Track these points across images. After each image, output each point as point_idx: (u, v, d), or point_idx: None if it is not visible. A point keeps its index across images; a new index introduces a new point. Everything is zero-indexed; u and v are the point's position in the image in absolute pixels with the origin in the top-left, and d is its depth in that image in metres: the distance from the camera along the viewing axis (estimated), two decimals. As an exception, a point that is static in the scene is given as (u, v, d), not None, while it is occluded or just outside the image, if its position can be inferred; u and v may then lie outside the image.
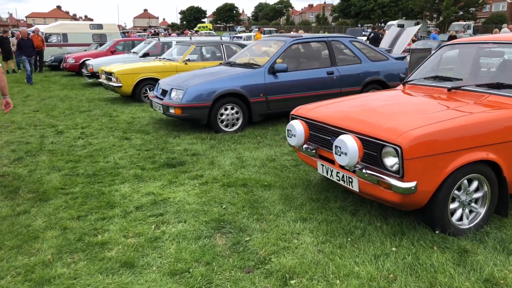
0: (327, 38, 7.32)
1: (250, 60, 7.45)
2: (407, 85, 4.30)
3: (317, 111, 3.73)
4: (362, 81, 7.36)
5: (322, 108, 3.78)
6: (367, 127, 3.14)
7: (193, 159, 5.12)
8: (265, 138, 6.09)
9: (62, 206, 3.75)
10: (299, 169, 4.70)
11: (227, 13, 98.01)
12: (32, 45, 13.72)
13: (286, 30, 58.08)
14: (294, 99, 6.76)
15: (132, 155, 5.34)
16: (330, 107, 3.80)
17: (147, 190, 4.13)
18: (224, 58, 10.14)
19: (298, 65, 7.11)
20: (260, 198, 3.87)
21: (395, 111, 3.40)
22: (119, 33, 21.96)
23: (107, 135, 6.39)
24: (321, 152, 3.65)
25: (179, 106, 6.16)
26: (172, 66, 9.54)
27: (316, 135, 3.65)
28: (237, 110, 6.48)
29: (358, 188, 3.26)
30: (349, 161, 3.03)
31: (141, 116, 7.78)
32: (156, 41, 12.78)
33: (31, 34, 15.75)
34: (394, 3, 56.65)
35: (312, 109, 3.83)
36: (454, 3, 45.79)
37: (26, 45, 13.53)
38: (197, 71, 7.25)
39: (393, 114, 3.30)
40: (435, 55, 4.54)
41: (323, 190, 4.03)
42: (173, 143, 5.85)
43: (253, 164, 4.90)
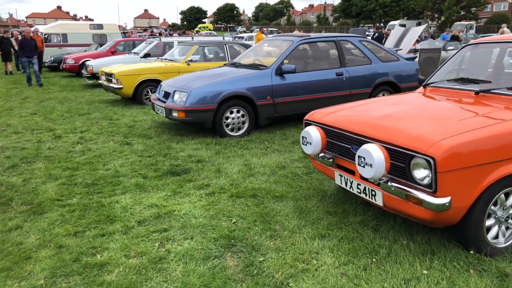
0: (335, 37, 7.02)
1: (256, 61, 7.16)
2: (428, 88, 4.00)
3: (334, 116, 3.43)
4: (372, 83, 7.07)
5: (339, 113, 3.48)
6: (393, 135, 2.85)
7: (198, 166, 4.83)
8: (273, 143, 5.80)
9: (58, 221, 3.46)
10: (312, 177, 4.41)
11: (228, 13, 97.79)
12: (34, 45, 13.03)
13: (287, 30, 57.79)
14: (302, 101, 6.48)
15: (134, 162, 5.05)
16: (348, 112, 3.51)
17: (150, 201, 3.83)
18: (227, 58, 9.86)
19: (306, 66, 6.82)
20: (272, 211, 3.58)
21: (421, 117, 3.10)
22: (119, 33, 21.69)
23: (107, 140, 6.10)
24: (339, 161, 3.36)
25: (182, 110, 5.87)
26: (174, 67, 9.25)
27: (333, 142, 3.36)
28: (243, 113, 6.19)
29: (383, 203, 2.97)
30: (374, 174, 2.74)
31: (142, 119, 7.49)
32: (158, 41, 12.49)
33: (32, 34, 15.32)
34: (395, 3, 56.38)
35: (328, 114, 3.53)
36: (456, 3, 45.52)
37: (28, 45, 12.83)
38: (201, 72, 6.96)
39: (419, 120, 3.01)
40: (457, 55, 4.24)
41: (340, 202, 3.73)
42: (177, 149, 5.56)
43: (262, 172, 4.60)
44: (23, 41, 12.88)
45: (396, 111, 3.30)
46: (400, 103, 3.61)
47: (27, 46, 12.76)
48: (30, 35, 13.08)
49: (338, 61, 6.90)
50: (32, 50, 12.82)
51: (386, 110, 3.38)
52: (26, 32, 13.26)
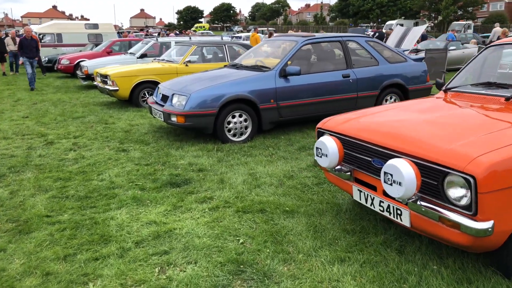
0: (341, 37, 6.70)
1: (258, 62, 6.83)
2: (449, 93, 3.69)
3: (353, 125, 3.11)
4: (380, 85, 6.76)
5: (358, 121, 3.16)
6: (422, 148, 2.53)
7: (200, 176, 4.50)
8: (278, 149, 5.47)
9: (46, 241, 3.12)
10: (323, 189, 4.09)
11: (224, 13, 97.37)
12: (35, 46, 12.01)
13: (284, 30, 57.48)
14: (307, 105, 6.17)
15: (130, 171, 4.71)
16: (367, 120, 3.18)
17: (148, 217, 3.50)
18: (227, 59, 9.53)
19: (311, 68, 6.50)
20: (283, 229, 3.25)
21: (450, 127, 2.78)
22: (115, 33, 21.30)
23: (102, 146, 5.75)
24: (358, 175, 3.04)
25: (181, 114, 5.53)
26: (172, 68, 8.91)
27: (352, 154, 3.04)
28: (245, 117, 5.86)
29: (410, 223, 2.65)
30: (404, 193, 2.42)
31: (139, 124, 7.14)
32: (154, 41, 12.13)
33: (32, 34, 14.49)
34: (392, 3, 56.20)
35: (345, 122, 3.21)
36: (453, 3, 45.36)
37: (28, 45, 11.81)
38: (200, 74, 6.63)
39: (449, 131, 2.69)
40: (479, 57, 3.93)
41: (357, 218, 3.41)
42: (176, 156, 5.23)
43: (268, 182, 4.28)
44: (24, 41, 11.86)
45: (421, 120, 2.98)
46: (422, 110, 3.29)
47: (27, 46, 11.81)
48: (30, 35, 12.05)
49: (344, 62, 6.59)
50: (33, 51, 11.90)
51: (409, 118, 3.06)
52: (27, 32, 12.17)
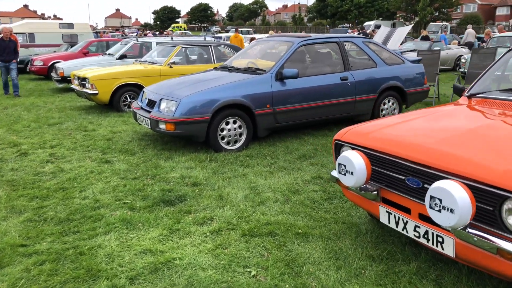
0: (338, 38, 6.35)
1: (250, 64, 6.42)
2: (474, 99, 3.35)
3: (382, 138, 2.71)
4: (378, 88, 6.44)
5: (387, 134, 2.77)
6: (475, 168, 2.16)
7: (195, 192, 4.05)
8: (276, 158, 5.07)
9: (22, 280, 2.62)
10: (335, 205, 3.70)
11: (202, 13, 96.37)
12: (14, 48, 10.63)
13: (262, 30, 57.13)
14: (305, 109, 5.79)
15: (116, 186, 4.22)
16: (396, 131, 2.80)
17: (142, 245, 3.04)
18: (213, 60, 9.09)
19: (309, 70, 6.11)
20: (299, 257, 2.84)
21: (499, 141, 2.42)
22: (91, 33, 20.52)
23: (82, 157, 5.22)
24: (386, 194, 2.66)
25: (171, 121, 5.06)
26: (155, 70, 8.40)
27: (380, 171, 2.66)
28: (240, 124, 5.43)
29: (454, 253, 2.28)
30: (457, 222, 2.04)
31: (122, 130, 6.62)
32: (134, 41, 11.56)
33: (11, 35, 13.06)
34: (370, 4, 56.52)
35: (370, 134, 2.82)
36: (430, 4, 45.92)
37: (6, 47, 10.46)
38: (189, 77, 6.16)
39: (501, 146, 2.33)
40: (502, 61, 3.62)
41: (380, 241, 3.03)
42: (166, 168, 4.75)
43: (273, 198, 3.86)
44: (1, 42, 10.51)
45: (460, 132, 2.61)
46: (457, 120, 2.94)
47: (4, 49, 10.49)
48: (8, 36, 10.52)
49: (342, 64, 6.24)
50: (11, 53, 10.60)
51: (445, 130, 2.69)
52: (4, 32, 10.53)
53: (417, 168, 2.40)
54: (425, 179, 2.36)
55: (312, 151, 5.33)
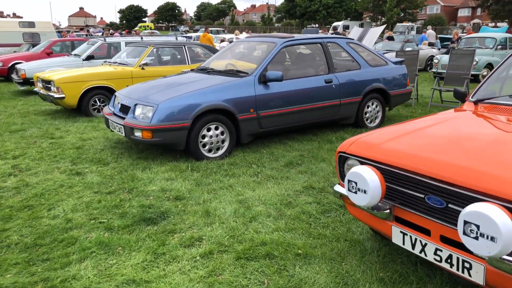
0: (322, 39, 6.11)
1: (229, 66, 6.10)
2: (481, 105, 3.15)
3: (396, 151, 2.44)
4: (362, 90, 6.24)
5: (400, 145, 2.50)
6: (505, 186, 1.93)
7: (179, 207, 3.69)
8: (262, 167, 4.76)
9: (-18, 326, 2.22)
10: (333, 219, 3.43)
11: (169, 12, 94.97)
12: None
13: (231, 30, 56.72)
14: (289, 113, 5.52)
15: (90, 202, 3.80)
16: (410, 142, 2.53)
17: (124, 273, 2.66)
18: (187, 61, 8.70)
19: (292, 72, 5.84)
20: (303, 283, 2.55)
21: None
22: (55, 32, 19.60)
23: (50, 169, 4.75)
24: (401, 213, 2.40)
25: (148, 128, 4.67)
26: (126, 71, 7.94)
27: (394, 188, 2.40)
28: (222, 130, 5.10)
29: (484, 281, 2.04)
30: (500, 251, 1.79)
31: (92, 137, 6.14)
32: (102, 41, 10.99)
33: None
34: (338, 4, 57.11)
35: (381, 145, 2.55)
36: (396, 5, 46.75)
37: None
38: (165, 80, 5.77)
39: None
40: (506, 64, 3.44)
41: (389, 261, 2.78)
42: (144, 180, 4.36)
43: (265, 212, 3.56)
44: None
45: (483, 144, 2.38)
46: (472, 130, 2.71)
47: None
48: None
49: (326, 66, 6.00)
50: None
51: (464, 140, 2.46)
52: None
53: (440, 186, 2.14)
54: (451, 199, 2.11)
55: (299, 157, 5.06)
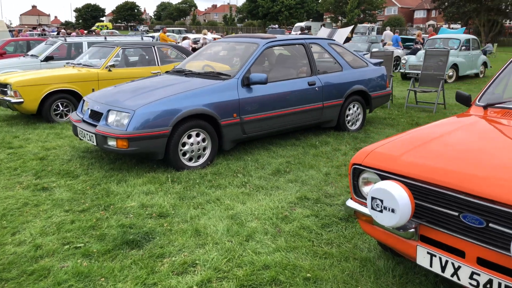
0: (304, 40, 5.86)
1: (206, 68, 5.75)
2: (490, 110, 2.97)
3: (423, 163, 2.18)
4: (344, 92, 6.05)
5: (426, 156, 2.24)
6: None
7: (164, 226, 3.31)
8: (249, 175, 4.44)
9: None
10: (334, 233, 3.16)
11: (128, 11, 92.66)
12: None
13: (193, 30, 55.88)
14: (273, 118, 5.24)
15: (61, 223, 3.35)
16: (436, 152, 2.29)
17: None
18: (157, 62, 8.25)
19: (275, 75, 5.55)
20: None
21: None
22: (7, 31, 18.45)
23: (10, 184, 4.23)
24: (428, 232, 2.16)
25: (123, 137, 4.25)
26: (92, 74, 7.40)
27: (423, 205, 2.15)
28: (204, 137, 4.74)
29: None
30: None
31: (57, 146, 5.61)
32: (62, 41, 10.30)
33: None
34: (300, 5, 57.56)
35: (403, 156, 2.29)
36: (357, 6, 47.60)
37: None
38: (139, 83, 5.34)
39: None
40: (511, 67, 3.29)
41: (406, 281, 2.54)
42: (121, 194, 3.94)
43: (261, 229, 3.24)
44: None
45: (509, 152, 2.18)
46: (498, 138, 2.51)
47: None
48: None
49: (309, 68, 5.76)
50: None
51: (496, 151, 2.25)
52: None
53: (480, 204, 1.91)
54: (493, 218, 1.88)
55: (286, 164, 4.78)
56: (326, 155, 5.11)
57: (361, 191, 2.49)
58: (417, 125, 6.68)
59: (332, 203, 3.73)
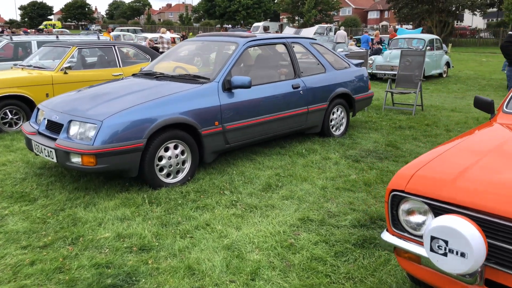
0: (285, 39, 5.41)
1: (178, 70, 5.19)
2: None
3: (500, 191, 1.77)
4: (329, 96, 5.65)
5: (492, 182, 1.84)
6: None
7: (149, 264, 2.74)
8: (238, 192, 3.92)
9: None
10: (352, 264, 2.71)
11: (78, 10, 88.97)
12: None
13: (148, 30, 54.32)
14: (258, 125, 4.76)
15: (18, 265, 2.70)
16: (501, 173, 1.89)
17: None
18: (118, 64, 7.53)
19: (257, 77, 5.04)
20: None
21: None
22: None
23: (-50, 213, 3.49)
24: (497, 276, 1.75)
25: (90, 152, 3.60)
26: (45, 77, 6.59)
27: (494, 244, 1.73)
28: (182, 149, 4.17)
29: None
30: None
31: (7, 161, 4.84)
32: (7, 40, 9.30)
33: None
34: (257, 5, 57.33)
35: (460, 181, 1.87)
36: (314, 6, 47.94)
37: None
38: (104, 87, 4.67)
39: None
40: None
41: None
42: (90, 222, 3.31)
43: (266, 263, 2.74)
44: None
45: None
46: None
47: None
48: None
49: (292, 70, 5.31)
50: None
51: None
52: None
53: None
54: None
55: (275, 177, 4.30)
56: (316, 165, 4.68)
57: (402, 223, 2.05)
58: (401, 128, 6.43)
59: (339, 224, 3.29)
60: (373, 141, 5.69)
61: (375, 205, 3.65)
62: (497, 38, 35.27)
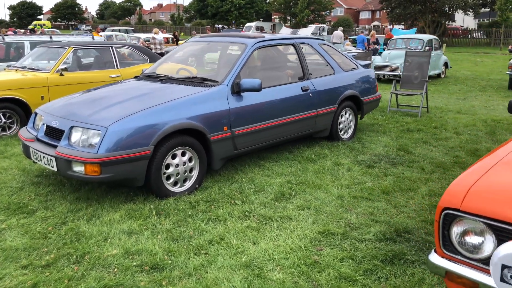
0: (294, 40, 5.20)
1: (181, 72, 4.97)
2: None
3: None
4: (338, 98, 5.46)
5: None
6: None
7: (162, 285, 2.50)
8: (249, 202, 3.70)
9: None
10: (387, 284, 2.50)
11: (69, 10, 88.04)
12: None
13: (139, 30, 53.84)
14: (267, 129, 4.55)
15: (19, 287, 2.46)
16: None
17: None
18: (116, 65, 7.27)
19: (266, 80, 4.82)
20: None
21: None
22: None
23: None
24: None
25: (94, 161, 3.36)
26: (40, 79, 6.31)
27: None
28: (190, 156, 3.94)
29: None
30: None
31: (2, 169, 4.56)
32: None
33: None
34: (250, 5, 57.11)
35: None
36: (307, 6, 47.86)
37: None
38: (106, 91, 4.42)
39: None
40: None
41: None
42: (95, 236, 3.07)
43: (290, 283, 2.52)
44: None
45: None
46: None
47: None
48: None
49: (301, 72, 5.10)
50: None
51: None
52: None
53: None
54: None
55: (287, 185, 4.09)
56: (329, 172, 4.47)
57: (455, 244, 1.84)
58: (409, 131, 6.25)
59: (363, 237, 3.09)
60: (383, 145, 5.51)
61: (397, 216, 3.46)
62: (490, 38, 35.43)
